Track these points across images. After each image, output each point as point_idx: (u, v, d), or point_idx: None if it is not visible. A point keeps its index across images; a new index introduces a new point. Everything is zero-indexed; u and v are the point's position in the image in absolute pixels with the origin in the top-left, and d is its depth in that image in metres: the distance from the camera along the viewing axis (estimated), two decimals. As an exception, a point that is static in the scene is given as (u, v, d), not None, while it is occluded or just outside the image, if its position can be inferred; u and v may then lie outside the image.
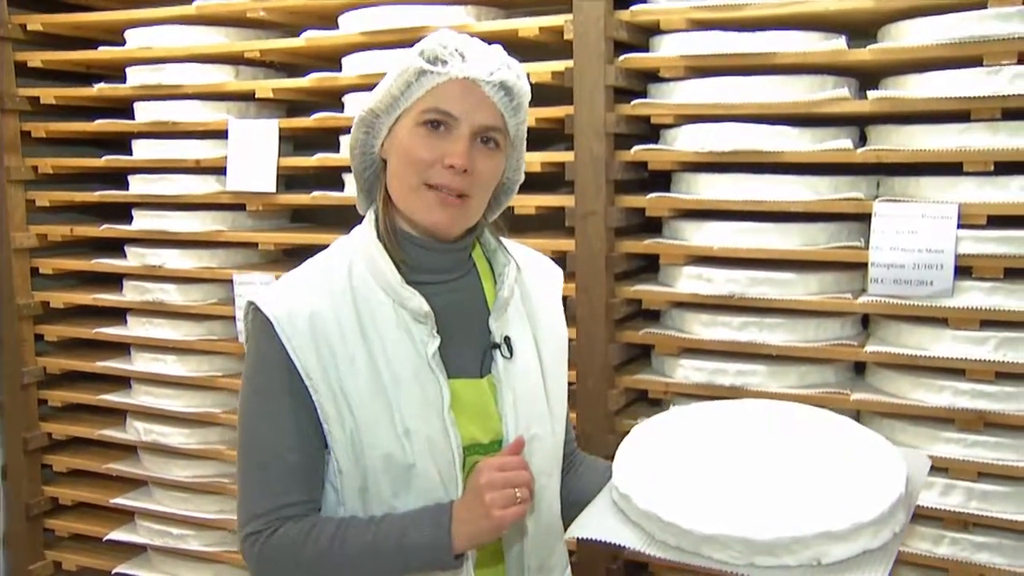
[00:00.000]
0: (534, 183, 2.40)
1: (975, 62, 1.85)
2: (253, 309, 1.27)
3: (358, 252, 1.31)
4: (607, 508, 1.24)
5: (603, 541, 1.17)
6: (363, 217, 1.37)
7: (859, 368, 2.14)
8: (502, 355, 1.33)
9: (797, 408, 1.43)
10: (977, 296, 1.87)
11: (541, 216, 2.24)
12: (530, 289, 1.42)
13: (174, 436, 2.69)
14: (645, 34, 2.20)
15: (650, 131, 2.23)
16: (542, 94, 2.30)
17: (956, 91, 1.85)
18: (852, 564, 1.08)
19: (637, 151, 2.16)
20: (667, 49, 2.12)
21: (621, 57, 2.14)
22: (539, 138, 2.37)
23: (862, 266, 1.97)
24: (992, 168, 1.86)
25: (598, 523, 1.22)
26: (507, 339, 1.34)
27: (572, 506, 1.36)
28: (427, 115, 1.24)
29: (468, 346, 1.33)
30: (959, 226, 1.86)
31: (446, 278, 1.34)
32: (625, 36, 2.17)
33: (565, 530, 1.32)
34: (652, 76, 2.19)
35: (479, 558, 1.28)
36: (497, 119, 1.27)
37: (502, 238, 1.43)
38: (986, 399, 1.86)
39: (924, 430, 1.93)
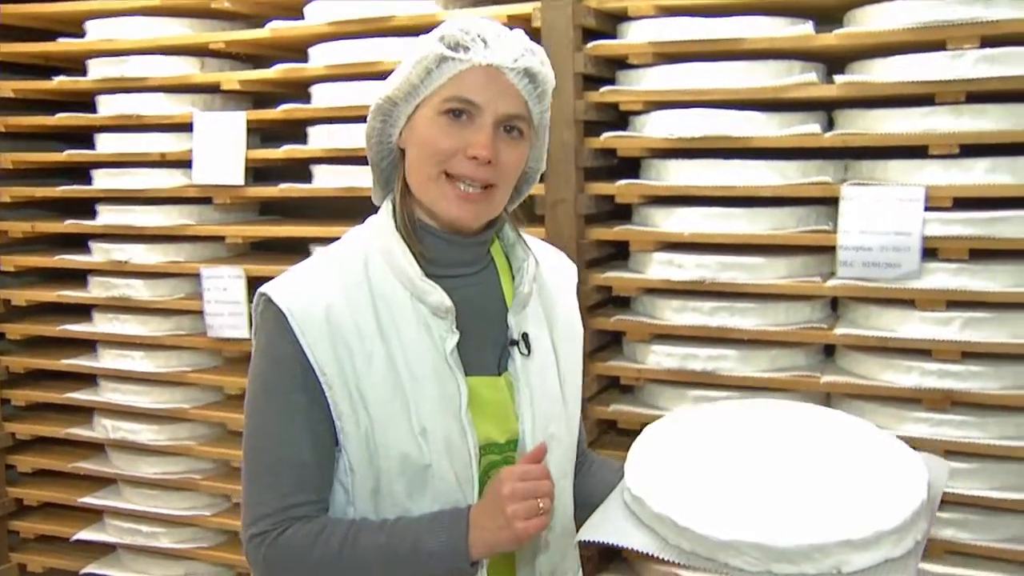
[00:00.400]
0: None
1: (939, 46, 1.87)
2: (264, 301, 1.21)
3: (374, 244, 1.26)
4: (619, 510, 1.20)
5: (615, 545, 1.13)
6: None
7: (829, 351, 2.16)
8: (520, 352, 1.28)
9: (812, 409, 1.40)
10: (943, 277, 1.89)
11: (511, 204, 2.24)
12: (547, 284, 1.37)
13: (143, 433, 2.65)
14: (613, 21, 2.20)
15: (619, 118, 2.23)
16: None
17: (921, 75, 1.88)
18: (873, 573, 1.04)
19: (606, 138, 2.16)
20: (635, 36, 2.12)
21: (589, 44, 2.14)
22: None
23: (831, 249, 1.98)
24: (957, 151, 1.88)
25: (610, 526, 1.17)
26: (525, 336, 1.30)
27: (583, 507, 1.33)
28: (449, 104, 1.18)
29: (486, 342, 1.28)
30: (926, 208, 1.88)
31: (466, 272, 1.29)
32: (593, 23, 2.17)
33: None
34: (620, 63, 2.19)
35: (491, 562, 1.23)
36: (521, 107, 1.21)
37: (521, 231, 1.37)
38: (952, 378, 1.89)
39: (893, 410, 1.95)
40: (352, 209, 2.58)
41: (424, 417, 1.20)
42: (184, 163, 2.54)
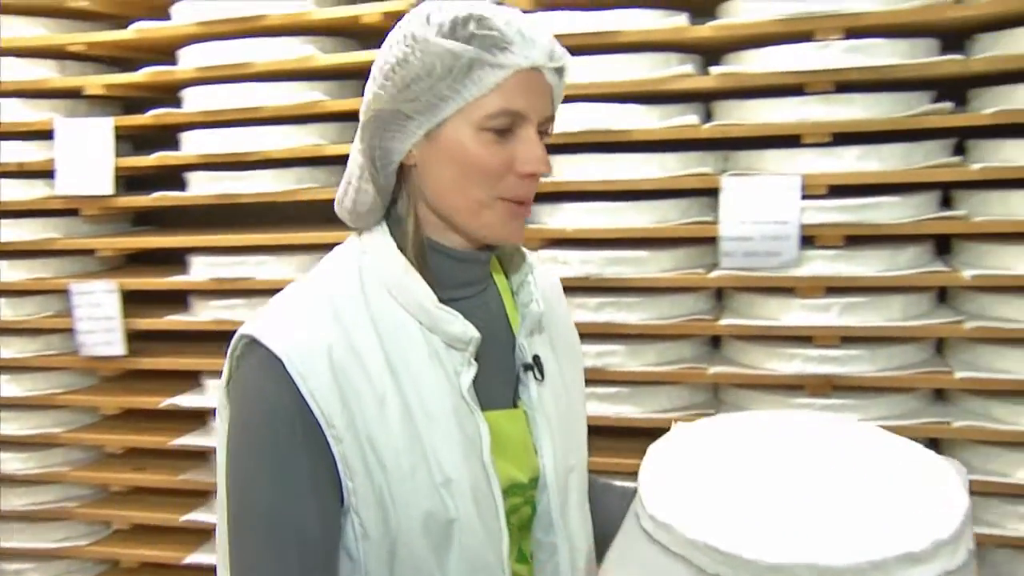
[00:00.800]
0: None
1: (807, 37, 1.90)
2: (247, 344, 1.03)
3: (373, 270, 1.08)
4: (638, 540, 1.08)
5: None
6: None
7: (715, 342, 2.17)
8: (535, 378, 1.14)
9: (817, 417, 1.32)
10: (821, 264, 1.92)
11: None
12: (545, 297, 1.21)
13: (9, 462, 2.49)
14: (490, 17, 2.17)
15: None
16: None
17: (791, 65, 1.90)
18: None
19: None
20: (512, 31, 2.09)
21: (467, 41, 2.10)
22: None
23: (714, 241, 1.99)
24: (830, 139, 1.92)
25: (633, 558, 1.06)
26: (536, 359, 1.15)
27: (594, 539, 1.22)
28: (496, 120, 1.01)
29: (498, 371, 1.13)
30: (802, 197, 1.90)
31: (471, 293, 1.13)
32: (470, 20, 2.13)
33: None
34: (499, 59, 2.16)
35: None
36: (552, 107, 1.07)
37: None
38: (832, 364, 1.92)
39: (778, 398, 1.97)
40: (232, 217, 2.50)
41: (447, 466, 1.04)
42: (46, 173, 2.40)
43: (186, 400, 2.39)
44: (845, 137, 1.92)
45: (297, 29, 2.24)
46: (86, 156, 2.36)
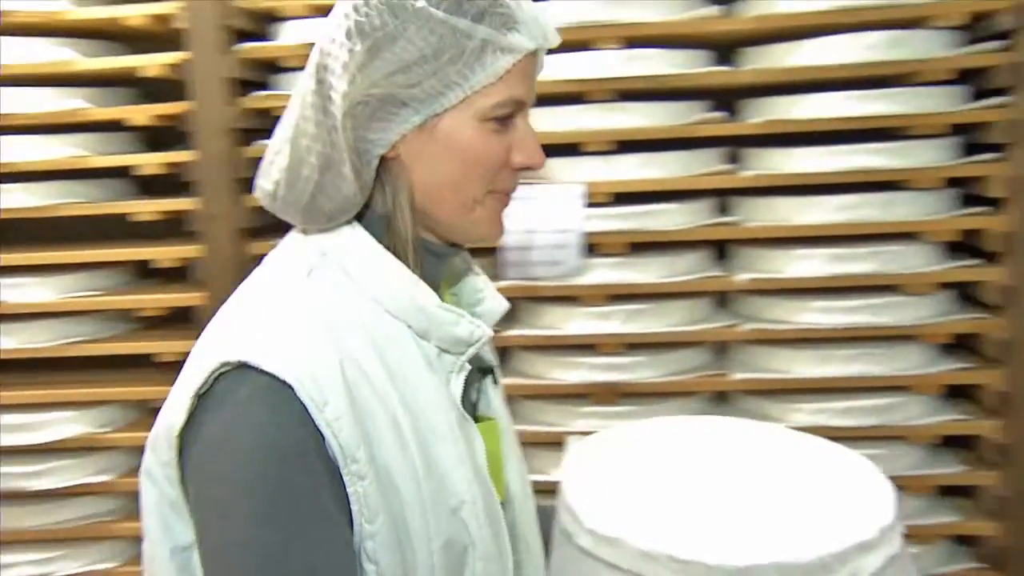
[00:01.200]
0: (152, 187, 2.18)
1: (587, 46, 1.91)
2: (232, 373, 0.84)
3: (358, 274, 0.94)
4: (576, 559, 1.01)
5: None
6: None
7: (502, 353, 2.13)
8: (494, 383, 1.06)
9: (717, 421, 1.29)
10: (604, 272, 1.93)
11: (156, 223, 2.03)
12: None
13: None
14: (264, 22, 2.06)
15: (274, 125, 2.08)
16: (158, 89, 2.09)
17: (572, 74, 1.90)
18: (883, 574, 0.96)
19: (262, 146, 2.01)
20: (287, 37, 2.00)
21: (239, 47, 1.99)
22: (157, 138, 2.15)
23: (497, 251, 1.95)
24: (613, 148, 1.92)
25: None
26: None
27: None
28: (501, 109, 0.92)
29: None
30: (586, 205, 1.90)
31: (440, 293, 1.03)
32: (243, 24, 2.02)
33: None
34: (273, 66, 2.06)
35: None
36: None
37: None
38: (617, 371, 1.92)
39: (565, 407, 1.95)
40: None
41: (460, 486, 0.92)
42: None
43: (-71, 442, 2.13)
44: (626, 145, 1.94)
45: (51, 30, 2.05)
46: None
